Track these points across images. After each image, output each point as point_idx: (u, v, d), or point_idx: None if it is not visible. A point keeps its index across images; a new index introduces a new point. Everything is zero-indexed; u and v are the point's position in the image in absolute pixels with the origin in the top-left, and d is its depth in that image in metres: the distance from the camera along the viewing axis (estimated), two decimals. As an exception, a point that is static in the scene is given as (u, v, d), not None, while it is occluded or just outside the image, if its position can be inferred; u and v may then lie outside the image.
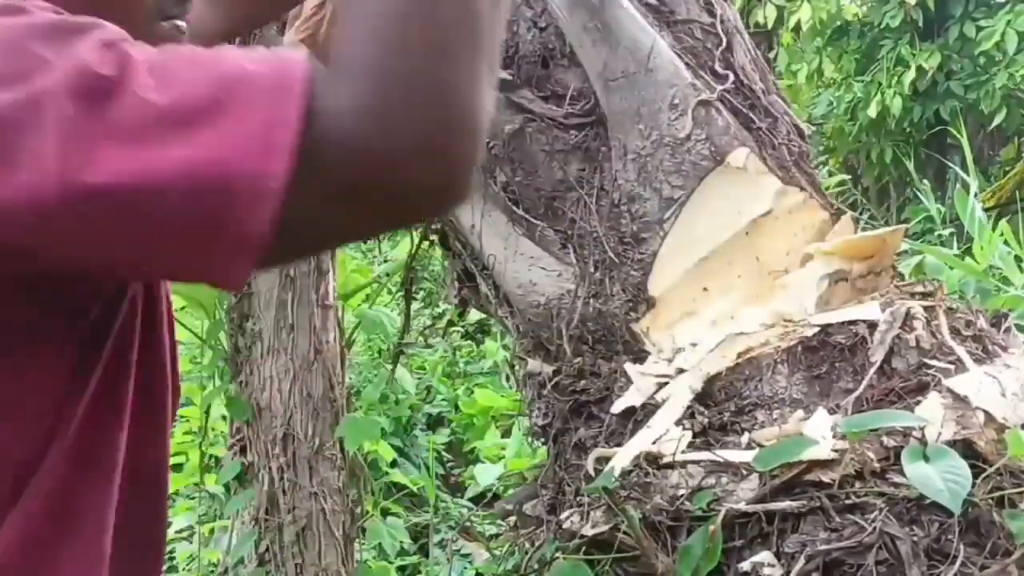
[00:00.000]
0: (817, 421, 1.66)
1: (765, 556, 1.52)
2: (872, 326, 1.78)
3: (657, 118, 1.96)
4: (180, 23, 1.02)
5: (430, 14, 0.74)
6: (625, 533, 1.63)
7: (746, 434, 1.73)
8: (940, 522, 1.49)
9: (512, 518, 2.15)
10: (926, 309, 1.82)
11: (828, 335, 1.80)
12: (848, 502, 1.54)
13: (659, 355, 1.92)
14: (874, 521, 1.49)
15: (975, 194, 3.07)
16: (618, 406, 1.86)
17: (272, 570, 2.95)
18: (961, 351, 1.75)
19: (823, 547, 1.49)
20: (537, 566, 1.90)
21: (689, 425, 1.76)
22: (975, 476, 1.50)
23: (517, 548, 2.17)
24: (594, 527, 1.69)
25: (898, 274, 2.08)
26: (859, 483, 1.57)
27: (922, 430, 1.58)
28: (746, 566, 1.51)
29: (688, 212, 1.95)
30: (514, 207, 2.14)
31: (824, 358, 1.79)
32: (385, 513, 3.99)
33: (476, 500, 4.38)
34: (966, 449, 1.56)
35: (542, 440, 2.16)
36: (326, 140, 0.71)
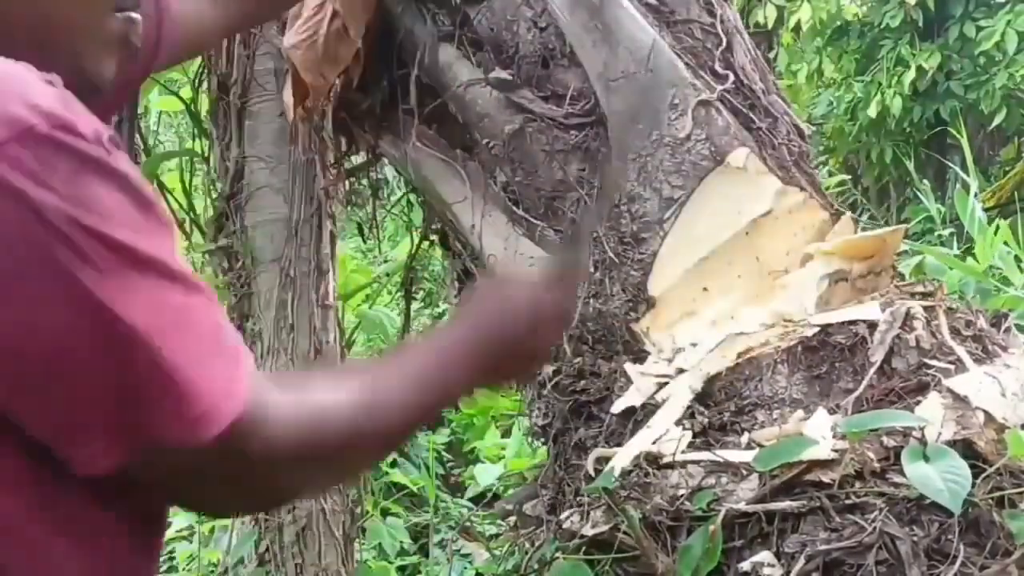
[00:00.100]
0: (817, 421, 1.66)
1: (765, 556, 1.52)
2: (872, 326, 1.78)
3: (657, 118, 1.96)
4: (134, 15, 1.01)
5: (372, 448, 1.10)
6: (625, 533, 1.63)
7: (746, 434, 1.73)
8: (940, 522, 1.49)
9: (512, 518, 2.15)
10: (926, 309, 1.82)
11: (828, 335, 1.80)
12: (848, 502, 1.54)
13: (659, 355, 1.92)
14: (874, 521, 1.49)
15: (975, 194, 3.07)
16: (618, 406, 1.86)
17: (272, 570, 2.95)
18: (961, 351, 1.75)
19: (823, 547, 1.49)
20: (537, 566, 1.90)
21: (689, 425, 1.76)
22: (975, 476, 1.50)
23: (517, 548, 2.17)
24: (594, 527, 1.69)
25: (898, 274, 2.08)
26: (859, 483, 1.57)
27: (922, 430, 1.58)
28: (746, 566, 1.51)
29: (688, 212, 1.95)
30: (514, 207, 2.14)
31: (824, 358, 1.79)
32: (385, 513, 3.98)
33: (476, 500, 4.37)
34: (966, 449, 1.56)
35: (542, 440, 2.16)
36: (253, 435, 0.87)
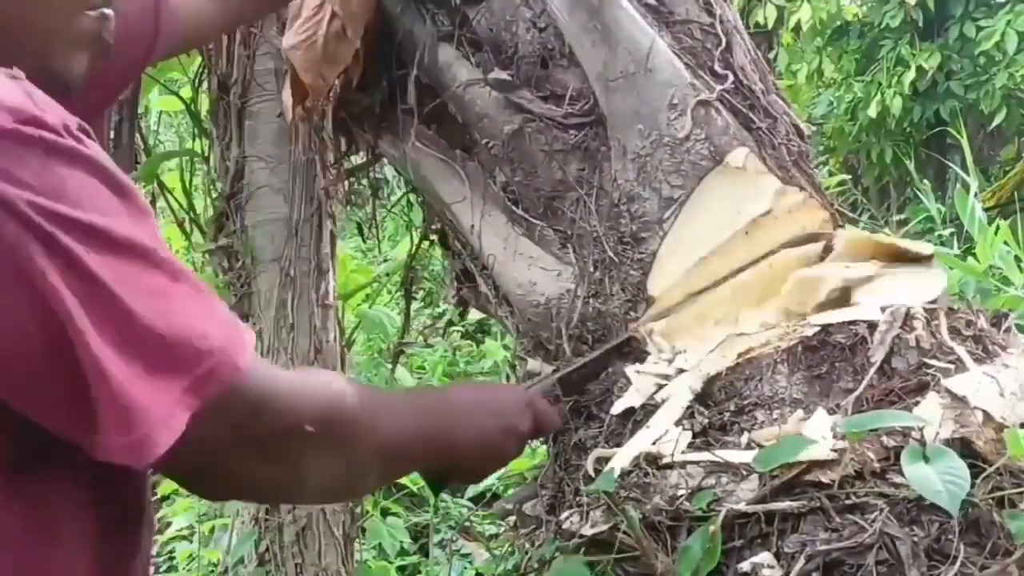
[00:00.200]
0: (817, 421, 1.66)
1: (765, 556, 1.51)
2: (872, 326, 1.78)
3: (656, 118, 1.96)
4: (107, 11, 1.00)
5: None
6: (625, 533, 1.62)
7: (746, 434, 1.73)
8: (940, 522, 1.49)
9: (512, 518, 2.15)
10: (926, 309, 1.82)
11: (828, 335, 1.80)
12: (848, 502, 1.54)
13: (659, 355, 1.91)
14: (874, 521, 1.49)
15: (975, 194, 3.07)
16: (618, 406, 1.86)
17: (272, 570, 2.95)
18: (961, 351, 1.74)
19: (823, 547, 1.48)
20: (537, 566, 1.90)
21: (689, 425, 1.76)
22: (974, 476, 1.50)
23: (517, 548, 2.17)
24: (594, 527, 1.69)
25: (898, 274, 2.07)
26: (859, 483, 1.56)
27: (921, 430, 1.58)
28: (746, 566, 1.51)
29: (688, 212, 1.95)
30: (514, 207, 2.14)
31: (824, 358, 1.79)
32: (385, 513, 3.99)
33: (476, 500, 4.37)
34: (964, 448, 1.56)
35: (542, 440, 2.16)
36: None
